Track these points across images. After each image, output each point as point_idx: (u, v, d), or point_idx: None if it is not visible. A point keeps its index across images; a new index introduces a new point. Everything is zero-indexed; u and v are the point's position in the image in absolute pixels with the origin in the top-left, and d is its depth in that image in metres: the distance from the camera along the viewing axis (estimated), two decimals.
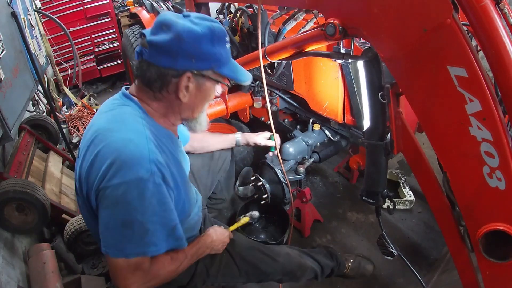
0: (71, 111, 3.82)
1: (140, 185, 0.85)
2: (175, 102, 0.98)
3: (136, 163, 0.85)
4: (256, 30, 1.87)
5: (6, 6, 1.89)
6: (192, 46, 0.88)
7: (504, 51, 0.68)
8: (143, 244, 0.89)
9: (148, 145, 0.89)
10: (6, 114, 1.57)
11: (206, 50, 0.90)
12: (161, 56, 0.89)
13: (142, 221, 0.87)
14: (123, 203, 0.85)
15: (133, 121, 0.93)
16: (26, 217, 1.64)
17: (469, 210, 0.84)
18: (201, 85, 0.96)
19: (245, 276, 1.32)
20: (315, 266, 1.52)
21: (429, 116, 0.83)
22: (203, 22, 0.90)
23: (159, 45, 0.87)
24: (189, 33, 0.87)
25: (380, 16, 0.81)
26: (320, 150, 2.05)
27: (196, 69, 0.91)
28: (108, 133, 0.90)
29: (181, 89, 0.93)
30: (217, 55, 0.92)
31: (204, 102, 1.02)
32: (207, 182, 1.61)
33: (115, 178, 0.84)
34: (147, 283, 0.96)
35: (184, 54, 0.88)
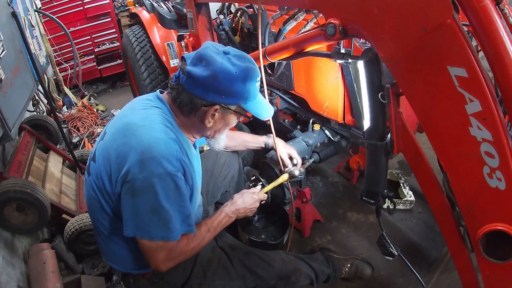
0: (71, 111, 3.83)
1: (168, 178, 0.96)
2: (200, 125, 1.10)
3: (166, 159, 0.96)
4: (256, 30, 1.88)
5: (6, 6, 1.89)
6: (225, 85, 0.98)
7: (504, 51, 0.68)
8: (167, 229, 1.00)
9: (175, 146, 1.00)
10: (6, 114, 1.57)
11: (237, 89, 1.00)
12: (195, 87, 0.99)
13: (168, 209, 0.98)
14: (153, 193, 0.95)
15: (163, 122, 1.04)
16: (26, 217, 1.64)
17: (469, 210, 0.84)
18: (226, 116, 1.09)
19: (242, 280, 1.33)
20: (310, 272, 1.52)
21: (429, 116, 0.83)
22: (240, 64, 0.99)
23: (196, 78, 0.97)
24: (224, 74, 0.97)
25: (380, 16, 0.81)
26: (320, 150, 2.05)
27: (224, 104, 1.03)
28: (140, 129, 0.99)
29: (207, 117, 1.05)
30: (245, 93, 1.02)
31: (225, 128, 1.16)
32: (208, 187, 1.62)
33: (145, 172, 0.94)
34: (175, 259, 1.08)
35: (217, 90, 0.99)
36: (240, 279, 1.32)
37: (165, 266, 1.06)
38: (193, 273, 1.25)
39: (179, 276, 1.24)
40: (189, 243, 1.10)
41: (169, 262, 1.07)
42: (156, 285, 1.22)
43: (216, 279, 1.28)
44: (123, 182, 0.97)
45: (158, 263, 1.05)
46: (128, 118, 1.05)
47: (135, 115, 1.05)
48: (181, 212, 1.03)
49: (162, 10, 2.97)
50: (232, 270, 1.31)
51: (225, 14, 2.30)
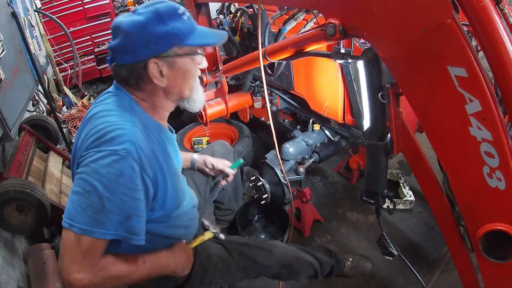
0: (71, 111, 3.82)
1: (113, 159, 0.85)
2: (157, 90, 1.00)
3: (116, 140, 0.87)
4: (256, 30, 1.87)
5: (6, 6, 1.89)
6: (142, 35, 0.90)
7: (504, 51, 0.68)
8: (94, 221, 0.85)
9: (133, 129, 0.91)
10: (6, 114, 1.57)
11: (158, 32, 0.91)
12: (124, 55, 0.94)
13: (102, 195, 0.85)
14: (92, 170, 0.85)
15: (121, 108, 0.96)
16: (26, 217, 1.64)
17: (469, 210, 0.84)
18: (173, 65, 0.97)
19: (243, 271, 1.32)
20: (314, 261, 1.50)
21: (429, 116, 0.83)
22: (147, 9, 0.92)
23: (117, 48, 0.93)
24: (134, 26, 0.90)
25: (380, 16, 0.81)
26: (320, 150, 2.05)
27: (158, 53, 0.93)
28: (97, 119, 0.93)
29: (154, 76, 0.95)
30: (173, 31, 0.92)
31: (187, 78, 1.02)
32: (206, 189, 1.61)
33: (94, 150, 0.87)
34: (94, 278, 0.87)
35: (140, 45, 0.91)
36: (241, 270, 1.31)
37: (78, 279, 0.85)
38: (194, 270, 1.24)
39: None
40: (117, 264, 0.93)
41: (85, 274, 0.86)
42: (158, 283, 1.22)
43: (217, 273, 1.27)
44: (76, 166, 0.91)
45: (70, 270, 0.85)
46: (88, 113, 1.00)
47: (94, 109, 1.00)
48: (120, 208, 0.87)
49: None
50: (232, 262, 1.30)
51: (225, 14, 2.30)
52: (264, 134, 2.92)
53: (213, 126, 2.76)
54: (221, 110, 2.29)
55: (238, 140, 2.51)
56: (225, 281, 1.31)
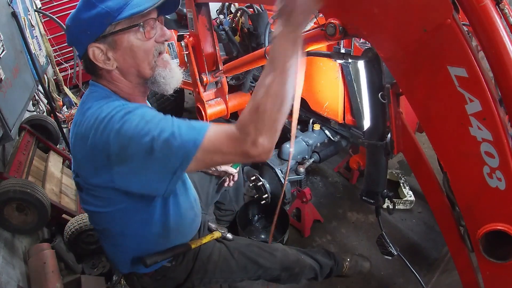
0: (71, 111, 3.82)
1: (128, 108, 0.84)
2: (112, 74, 0.95)
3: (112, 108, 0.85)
4: (256, 30, 1.88)
5: (6, 6, 1.89)
6: (77, 24, 0.91)
7: (504, 51, 0.68)
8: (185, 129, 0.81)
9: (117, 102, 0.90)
10: (6, 114, 1.57)
11: (89, 16, 0.88)
12: (77, 49, 0.95)
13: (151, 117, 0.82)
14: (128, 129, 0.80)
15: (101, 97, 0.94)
16: (26, 217, 1.64)
17: (469, 210, 0.84)
18: (114, 44, 0.91)
19: (244, 271, 1.32)
20: (314, 264, 1.52)
21: (429, 116, 0.83)
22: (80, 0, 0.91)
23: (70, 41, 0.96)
24: (70, 19, 0.93)
25: (380, 16, 0.81)
26: (320, 150, 2.05)
27: (94, 37, 0.89)
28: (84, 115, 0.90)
29: (97, 60, 0.92)
30: (102, 10, 0.87)
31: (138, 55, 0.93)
32: (209, 190, 1.62)
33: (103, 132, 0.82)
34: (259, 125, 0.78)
35: (78, 34, 0.91)
36: (242, 271, 1.31)
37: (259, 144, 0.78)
38: (195, 268, 1.25)
39: (182, 272, 1.24)
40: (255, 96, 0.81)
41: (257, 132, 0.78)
42: (159, 282, 1.23)
43: (217, 272, 1.27)
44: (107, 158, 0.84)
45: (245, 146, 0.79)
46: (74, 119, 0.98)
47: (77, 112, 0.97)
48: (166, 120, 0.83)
49: None
50: (233, 261, 1.30)
51: (225, 14, 2.29)
52: None
53: None
54: (221, 110, 2.29)
55: None
56: (225, 280, 1.31)
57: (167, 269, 1.21)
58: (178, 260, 1.23)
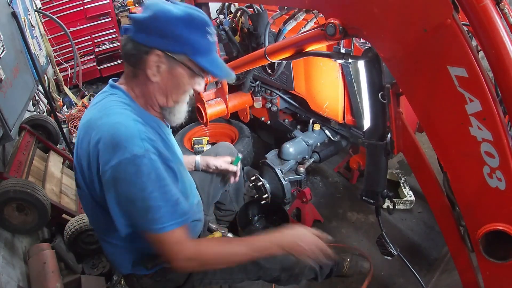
0: (72, 111, 3.82)
1: (136, 162, 0.87)
2: (148, 82, 0.99)
3: (129, 142, 0.88)
4: (256, 30, 1.88)
5: (6, 6, 1.89)
6: (166, 25, 0.91)
7: (504, 51, 0.68)
8: (148, 221, 0.91)
9: (136, 126, 0.92)
10: (6, 114, 1.57)
11: (180, 33, 0.91)
12: (138, 32, 0.93)
13: (143, 197, 0.89)
14: (123, 181, 0.88)
15: (119, 106, 0.97)
16: (26, 217, 1.64)
17: (469, 210, 0.84)
18: (173, 69, 0.97)
19: (244, 272, 1.32)
20: (314, 264, 1.50)
21: (429, 116, 0.83)
22: (184, 8, 0.93)
23: (137, 21, 0.92)
24: (164, 13, 0.90)
25: (380, 16, 0.81)
26: (320, 150, 2.05)
27: (167, 50, 0.93)
28: (97, 121, 0.93)
29: (151, 66, 0.95)
30: (192, 41, 0.93)
31: (178, 90, 1.02)
32: (209, 190, 1.61)
33: (112, 160, 0.87)
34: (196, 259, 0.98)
35: (157, 32, 0.91)
36: (242, 271, 1.31)
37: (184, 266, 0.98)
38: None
39: (181, 274, 1.24)
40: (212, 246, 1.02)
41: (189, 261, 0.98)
42: (159, 283, 1.23)
43: (217, 273, 1.27)
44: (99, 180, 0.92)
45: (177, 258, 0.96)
46: (86, 117, 1.00)
47: (91, 111, 1.01)
48: (166, 200, 0.92)
49: None
50: None
51: (225, 14, 2.29)
52: (264, 134, 2.92)
53: (213, 126, 2.76)
54: (221, 110, 2.29)
55: (238, 140, 2.51)
56: (225, 281, 1.31)
57: (167, 271, 1.21)
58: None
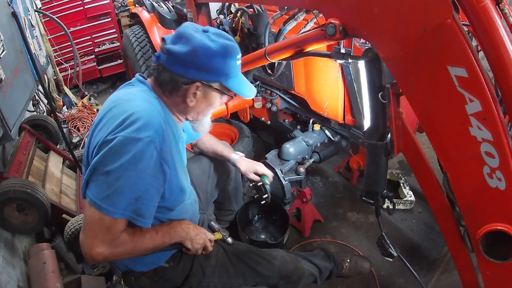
0: (72, 111, 3.82)
1: (139, 146, 0.90)
2: (183, 106, 1.07)
3: (144, 126, 0.91)
4: (256, 30, 1.88)
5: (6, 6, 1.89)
6: (205, 61, 0.97)
7: (504, 51, 0.68)
8: (106, 199, 0.90)
9: (158, 118, 0.96)
10: (6, 114, 1.57)
11: (217, 65, 0.99)
12: (175, 64, 0.98)
13: (119, 177, 0.90)
14: (115, 152, 0.89)
15: (149, 96, 1.03)
16: (26, 217, 1.64)
17: (469, 210, 0.84)
18: (208, 94, 1.06)
19: (242, 278, 1.32)
20: (313, 269, 1.52)
21: (429, 116, 0.83)
22: (219, 40, 0.99)
23: (176, 55, 0.97)
24: (204, 49, 0.96)
25: (380, 16, 0.81)
26: (320, 150, 2.05)
27: (205, 81, 1.01)
28: (125, 102, 0.97)
29: (189, 96, 1.03)
30: (226, 70, 1.01)
31: (209, 108, 1.12)
32: (207, 188, 1.62)
33: (123, 132, 0.90)
34: (113, 249, 0.95)
35: (196, 66, 0.98)
36: (240, 277, 1.32)
37: (101, 253, 0.93)
38: (192, 270, 1.25)
39: (179, 273, 1.24)
40: (134, 235, 0.99)
41: (106, 249, 0.93)
42: (156, 283, 1.23)
43: (215, 276, 1.28)
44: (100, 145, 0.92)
45: (94, 244, 0.92)
46: (112, 97, 1.04)
47: (119, 93, 1.05)
48: (132, 190, 0.92)
49: (162, 10, 2.97)
50: (231, 267, 1.30)
51: (225, 14, 2.29)
52: (264, 134, 2.92)
53: (213, 126, 2.73)
54: (221, 110, 2.29)
55: (238, 140, 2.51)
56: (223, 285, 1.31)
57: (165, 270, 1.21)
58: (176, 261, 1.23)
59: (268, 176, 1.65)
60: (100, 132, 0.94)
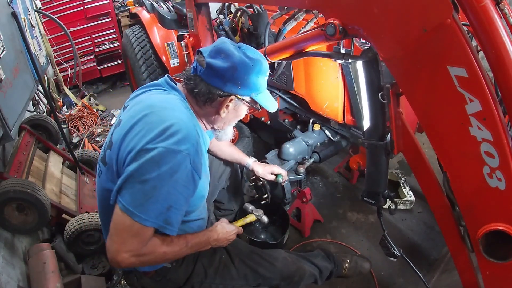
0: (71, 111, 3.83)
1: (177, 158, 0.93)
2: (213, 116, 1.14)
3: (184, 139, 0.95)
4: (256, 30, 1.88)
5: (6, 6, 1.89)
6: (242, 76, 1.04)
7: (504, 51, 0.68)
8: (139, 206, 0.92)
9: (194, 131, 1.00)
10: (6, 114, 1.57)
11: (251, 81, 1.07)
12: (214, 78, 1.04)
13: (155, 186, 0.93)
14: (155, 163, 0.92)
15: (184, 106, 1.07)
16: (26, 217, 1.64)
17: (469, 210, 0.84)
18: (238, 106, 1.14)
19: (244, 279, 1.33)
20: (313, 270, 1.53)
21: (429, 116, 0.83)
22: (254, 57, 1.06)
23: (216, 69, 1.03)
24: (243, 66, 1.03)
25: (380, 16, 0.81)
26: (320, 150, 2.05)
27: (239, 95, 1.08)
28: (163, 110, 1.00)
29: (223, 108, 1.09)
30: (257, 85, 1.09)
31: (236, 119, 1.20)
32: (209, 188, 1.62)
33: (163, 144, 0.92)
34: (141, 257, 0.97)
35: (234, 81, 1.04)
36: (242, 278, 1.32)
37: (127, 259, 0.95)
38: (195, 271, 1.25)
39: (181, 274, 1.24)
40: (162, 245, 1.01)
41: (133, 256, 0.95)
42: (159, 283, 1.23)
43: (217, 277, 1.28)
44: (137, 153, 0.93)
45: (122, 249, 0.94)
46: (146, 102, 1.06)
47: (154, 99, 1.07)
48: (165, 200, 0.95)
49: (162, 10, 2.97)
50: (233, 268, 1.31)
51: (225, 14, 2.29)
52: (264, 134, 2.92)
53: None
54: None
55: (238, 140, 2.51)
56: (225, 286, 1.31)
57: (167, 270, 1.21)
58: (178, 261, 1.23)
59: (283, 175, 1.72)
60: (136, 138, 0.95)
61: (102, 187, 1.10)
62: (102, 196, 1.11)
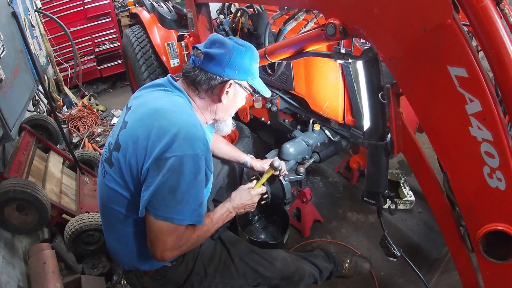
0: (72, 111, 3.83)
1: (195, 160, 1.00)
2: (214, 105, 1.19)
3: (197, 142, 1.01)
4: (256, 30, 1.88)
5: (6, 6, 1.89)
6: (238, 61, 1.11)
7: (504, 51, 0.68)
8: (174, 210, 1.00)
9: (202, 131, 1.06)
10: (6, 114, 1.57)
11: (246, 65, 1.14)
12: (213, 65, 1.10)
13: (184, 191, 1.00)
14: (179, 172, 0.98)
15: (189, 107, 1.12)
16: (26, 217, 1.64)
17: (469, 210, 0.84)
18: (237, 92, 1.19)
19: (243, 278, 1.33)
20: (313, 270, 1.54)
21: (429, 116, 0.83)
22: (246, 44, 1.15)
23: (213, 56, 1.09)
24: (237, 51, 1.11)
25: (380, 16, 0.81)
26: (320, 150, 2.05)
27: (237, 79, 1.14)
28: (172, 113, 1.04)
29: (223, 93, 1.14)
30: (252, 70, 1.16)
31: (235, 107, 1.25)
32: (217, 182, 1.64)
33: (179, 151, 0.97)
34: (181, 247, 1.08)
35: (231, 66, 1.10)
36: (241, 277, 1.32)
37: (170, 254, 1.05)
38: (195, 269, 1.25)
39: (181, 272, 1.24)
40: (194, 232, 1.11)
41: (175, 250, 1.06)
42: (158, 282, 1.23)
43: (217, 276, 1.28)
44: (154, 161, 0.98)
45: (165, 249, 1.03)
46: (153, 104, 1.08)
47: (161, 101, 1.10)
48: (195, 198, 1.04)
49: (162, 10, 2.97)
50: (233, 267, 1.31)
51: (225, 14, 2.29)
52: (264, 134, 2.92)
53: None
54: None
55: (238, 140, 2.51)
56: (225, 285, 1.31)
57: (167, 269, 1.22)
58: (178, 260, 1.23)
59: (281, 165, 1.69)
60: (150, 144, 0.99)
61: (106, 187, 1.10)
62: (105, 196, 1.12)
